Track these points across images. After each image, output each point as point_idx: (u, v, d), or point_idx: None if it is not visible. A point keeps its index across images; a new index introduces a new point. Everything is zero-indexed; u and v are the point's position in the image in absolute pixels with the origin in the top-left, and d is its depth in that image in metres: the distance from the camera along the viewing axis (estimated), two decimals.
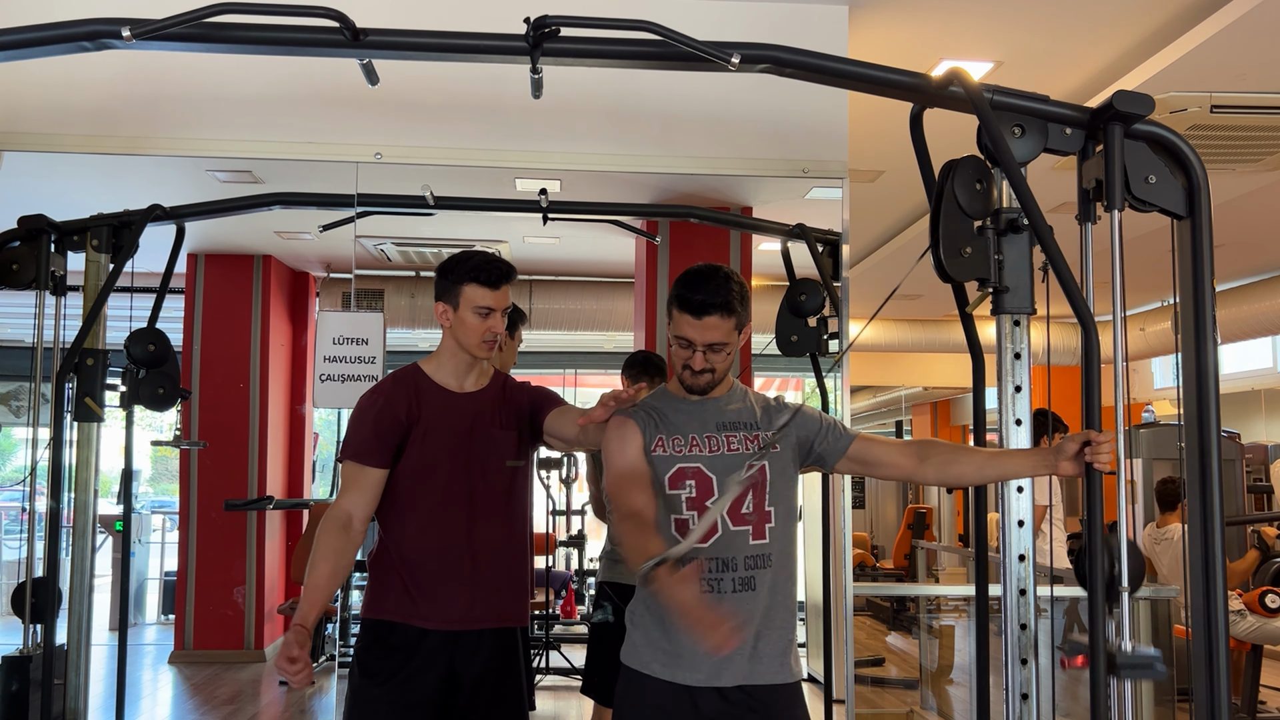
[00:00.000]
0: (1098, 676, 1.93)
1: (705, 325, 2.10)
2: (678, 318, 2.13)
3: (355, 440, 2.40)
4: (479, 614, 2.41)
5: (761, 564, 2.12)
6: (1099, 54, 3.99)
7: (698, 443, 2.14)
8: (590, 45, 2.25)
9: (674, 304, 2.14)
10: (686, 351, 2.13)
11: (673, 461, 2.13)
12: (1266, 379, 8.64)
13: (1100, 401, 1.97)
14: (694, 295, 2.10)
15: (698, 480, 2.12)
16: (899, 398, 13.41)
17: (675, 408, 2.18)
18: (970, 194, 2.10)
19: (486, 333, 2.40)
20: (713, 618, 1.81)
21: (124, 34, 2.14)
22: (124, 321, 3.69)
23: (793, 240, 4.02)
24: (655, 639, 2.11)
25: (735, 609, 2.07)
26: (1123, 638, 1.96)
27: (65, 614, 3.41)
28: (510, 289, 2.46)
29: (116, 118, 3.58)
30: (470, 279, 2.40)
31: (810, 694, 4.89)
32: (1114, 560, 1.97)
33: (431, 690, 2.39)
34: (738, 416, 2.19)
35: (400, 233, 5.16)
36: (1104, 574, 1.95)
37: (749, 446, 2.15)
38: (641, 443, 2.14)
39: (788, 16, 3.61)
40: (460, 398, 2.46)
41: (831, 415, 2.31)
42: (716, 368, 2.14)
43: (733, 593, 2.09)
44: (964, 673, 5.38)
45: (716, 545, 2.09)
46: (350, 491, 2.38)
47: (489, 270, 2.40)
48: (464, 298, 2.40)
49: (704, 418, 2.17)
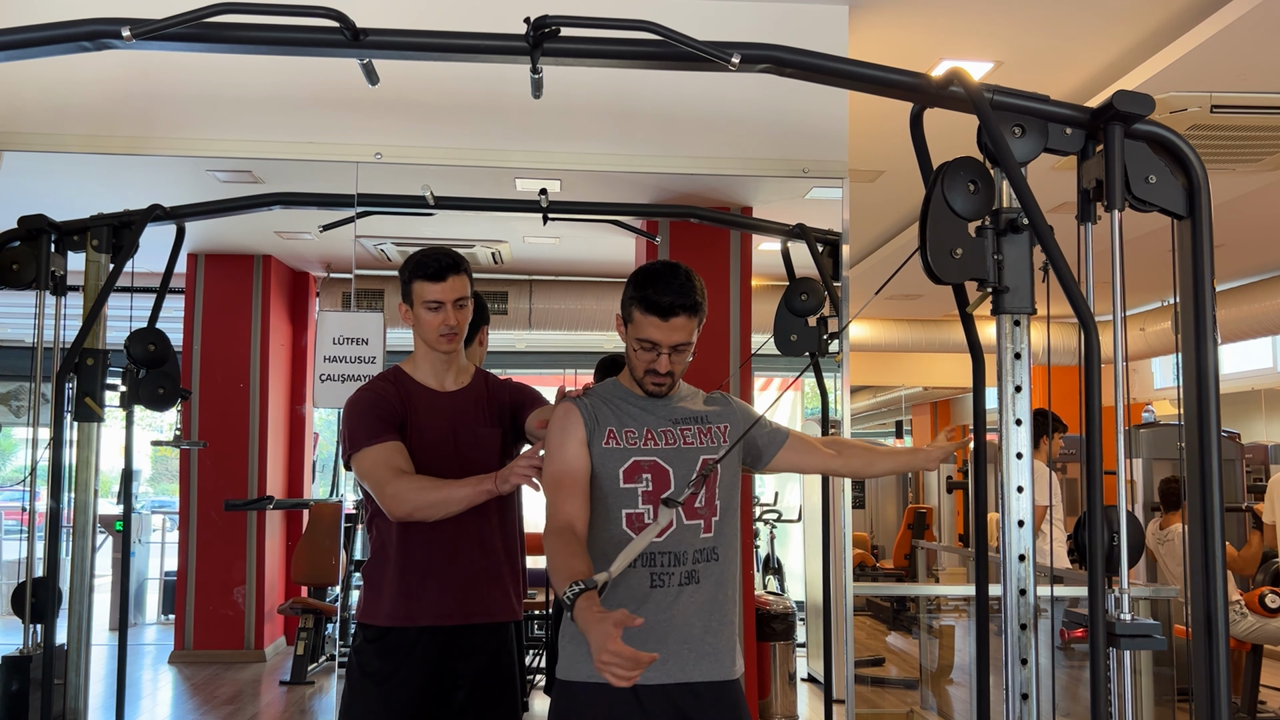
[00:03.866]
0: (1097, 647, 1.93)
1: (673, 327, 2.06)
2: (641, 320, 2.07)
3: (363, 427, 2.36)
4: (473, 610, 2.43)
5: (708, 557, 2.11)
6: (1099, 54, 3.99)
7: (653, 436, 2.11)
8: (590, 45, 2.25)
9: (636, 305, 2.08)
10: (650, 354, 2.08)
11: (627, 455, 2.09)
12: (1266, 379, 8.64)
13: (1100, 401, 1.97)
14: (661, 297, 2.04)
15: (654, 474, 2.09)
16: (899, 398, 13.42)
17: (629, 401, 2.16)
18: (964, 196, 2.10)
19: (440, 325, 2.41)
20: (626, 654, 1.68)
21: (124, 34, 2.14)
22: (124, 321, 3.69)
23: (793, 240, 4.02)
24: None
25: (680, 604, 2.06)
26: (1122, 609, 1.96)
27: (65, 614, 3.41)
28: (463, 281, 2.43)
29: (116, 118, 3.58)
30: (417, 275, 2.42)
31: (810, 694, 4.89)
32: (1114, 533, 1.97)
33: (429, 688, 2.40)
34: (689, 411, 2.18)
35: (400, 233, 5.16)
36: (1104, 547, 1.96)
37: (703, 440, 2.14)
38: (583, 436, 2.09)
39: (788, 16, 3.61)
40: (443, 397, 2.48)
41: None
42: (676, 370, 2.12)
43: (679, 585, 2.07)
44: (964, 673, 5.38)
45: (669, 539, 2.08)
46: (384, 469, 2.29)
47: (431, 264, 2.41)
48: (415, 295, 2.42)
49: (658, 412, 2.15)
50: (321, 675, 6.19)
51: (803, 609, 6.76)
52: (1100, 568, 1.95)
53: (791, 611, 5.62)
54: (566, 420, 2.11)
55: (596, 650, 1.68)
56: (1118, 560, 1.97)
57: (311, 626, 6.13)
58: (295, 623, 6.33)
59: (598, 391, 2.19)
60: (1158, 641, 1.94)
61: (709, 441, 2.15)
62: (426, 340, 2.46)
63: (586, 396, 2.16)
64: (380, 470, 2.30)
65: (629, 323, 2.12)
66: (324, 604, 6.31)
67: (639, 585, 2.07)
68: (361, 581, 2.50)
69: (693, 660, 2.07)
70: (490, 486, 2.19)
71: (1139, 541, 2.01)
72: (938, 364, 10.41)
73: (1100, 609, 1.94)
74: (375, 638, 2.42)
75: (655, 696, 2.04)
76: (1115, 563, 1.97)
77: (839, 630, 3.96)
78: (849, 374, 3.72)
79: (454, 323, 2.42)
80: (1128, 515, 1.98)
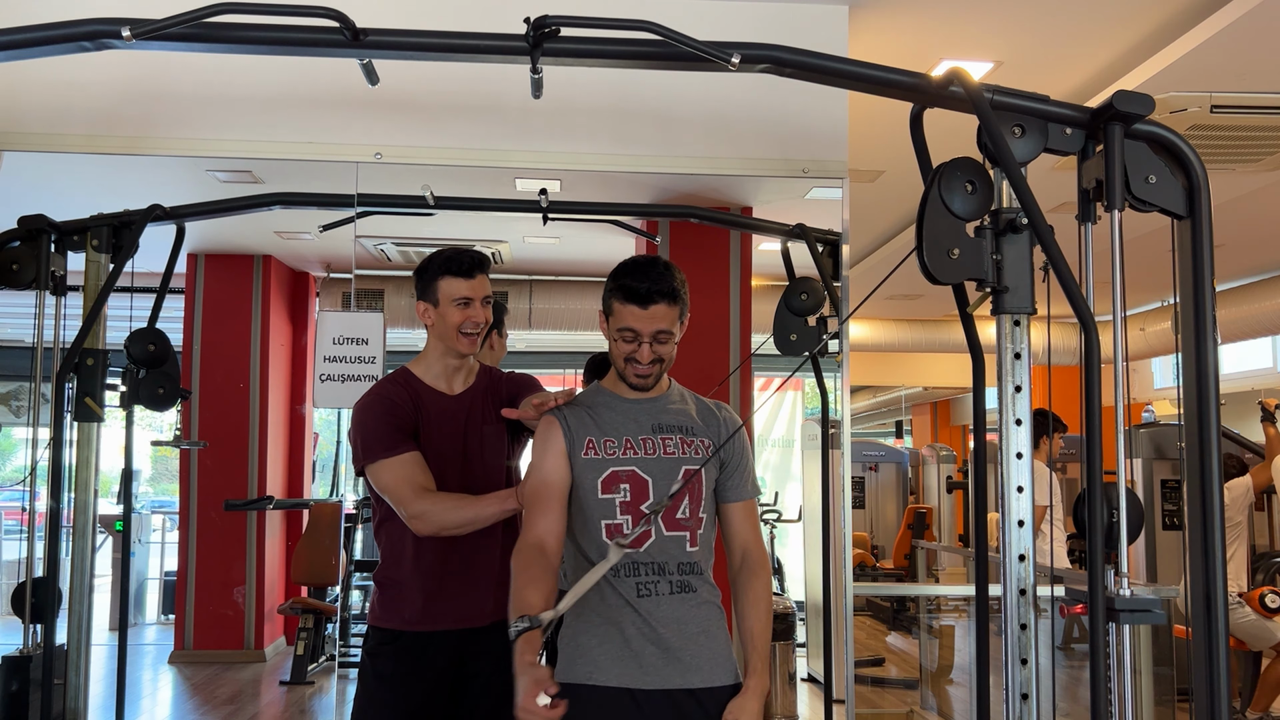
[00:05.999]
0: (1096, 622, 1.93)
1: (652, 315, 2.05)
2: (620, 310, 2.07)
3: (379, 437, 2.35)
4: (490, 612, 2.42)
5: (694, 570, 2.09)
6: (1099, 54, 3.99)
7: (632, 445, 2.09)
8: (590, 45, 2.25)
9: (615, 295, 2.08)
10: (631, 345, 2.07)
11: (605, 465, 2.07)
12: (1266, 379, 8.64)
13: (1100, 401, 1.97)
14: (639, 284, 2.04)
15: (632, 484, 2.07)
16: (899, 398, 13.43)
17: (611, 407, 2.13)
18: (962, 196, 2.10)
19: (466, 322, 2.40)
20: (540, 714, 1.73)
21: (124, 34, 2.14)
22: (124, 321, 3.69)
23: (793, 240, 4.02)
24: (599, 646, 2.04)
25: (677, 611, 2.05)
26: (1121, 584, 1.96)
27: (65, 614, 3.41)
28: (487, 281, 2.44)
29: (116, 118, 3.58)
30: (444, 272, 2.41)
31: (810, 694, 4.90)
32: (1113, 509, 1.97)
33: (442, 689, 2.40)
34: (676, 419, 2.14)
35: (400, 233, 5.16)
36: (1103, 522, 1.95)
37: (685, 451, 2.11)
38: (563, 448, 2.08)
39: (788, 16, 3.61)
40: (452, 399, 2.47)
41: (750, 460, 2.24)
42: (665, 358, 2.10)
43: (670, 594, 2.05)
44: (964, 673, 5.39)
45: (650, 550, 2.06)
46: (406, 487, 2.29)
47: (460, 260, 2.41)
48: (441, 292, 2.41)
49: (640, 419, 2.12)
50: (321, 675, 6.19)
51: (803, 609, 6.76)
52: (1100, 543, 1.94)
53: (791, 611, 5.62)
54: (548, 433, 2.11)
55: (518, 699, 1.76)
56: (1117, 537, 1.97)
57: (311, 626, 6.13)
58: (295, 623, 6.33)
59: (581, 399, 2.17)
60: (1157, 616, 1.93)
61: (691, 453, 2.11)
62: (448, 339, 2.43)
63: (568, 407, 2.15)
64: (403, 488, 2.30)
65: (610, 315, 2.11)
66: (324, 604, 6.31)
67: (627, 594, 2.05)
68: (374, 585, 2.49)
69: (690, 666, 2.05)
70: (514, 504, 2.22)
71: (1138, 518, 2.00)
72: (938, 364, 10.41)
73: (1099, 584, 1.94)
74: (390, 640, 2.42)
75: (653, 701, 2.03)
76: (1115, 540, 1.97)
77: (839, 630, 3.96)
78: (849, 374, 3.72)
79: (480, 320, 2.42)
80: (1128, 492, 1.98)
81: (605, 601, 2.05)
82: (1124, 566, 1.98)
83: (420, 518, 2.28)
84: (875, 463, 10.57)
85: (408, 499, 2.29)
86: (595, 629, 2.05)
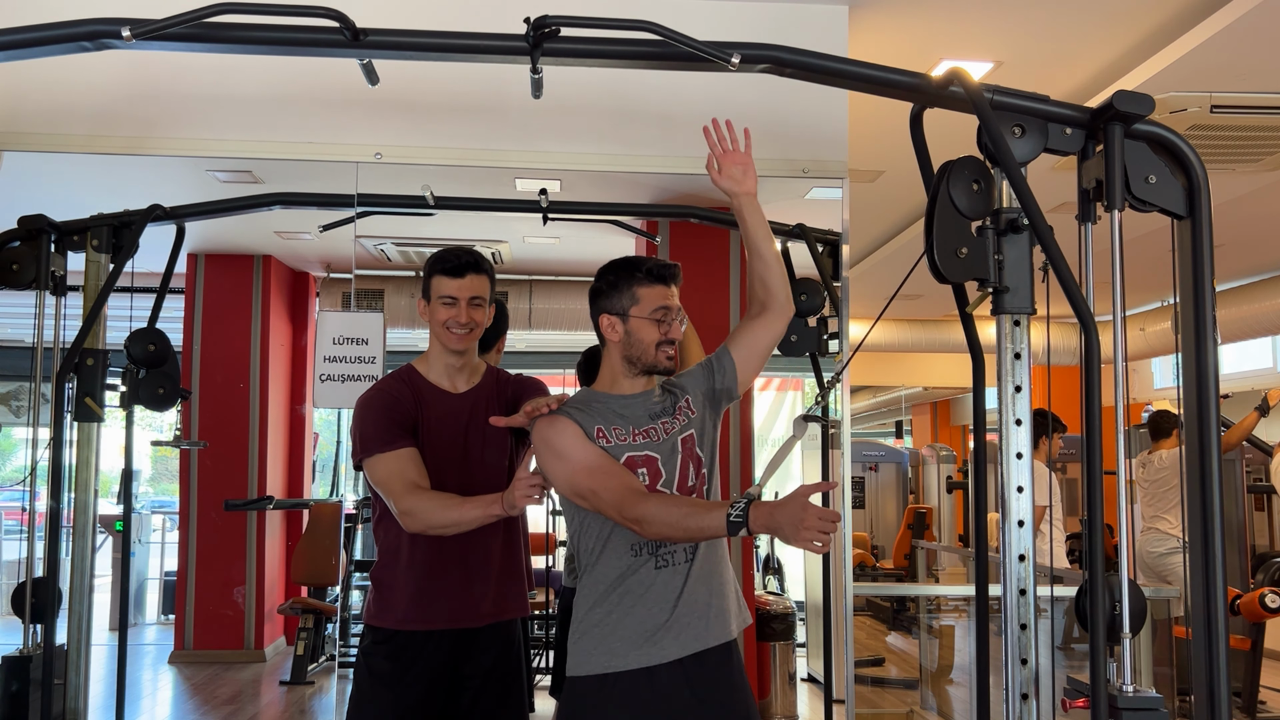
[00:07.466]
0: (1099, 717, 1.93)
1: (675, 293, 2.18)
2: (648, 292, 2.15)
3: (377, 431, 2.36)
4: (484, 610, 2.43)
5: None
6: (1099, 54, 3.99)
7: (639, 433, 2.16)
8: (590, 45, 2.25)
9: (639, 283, 2.16)
10: (663, 325, 2.15)
11: (621, 450, 2.13)
12: (1266, 379, 8.63)
13: (1100, 401, 1.97)
14: (659, 266, 2.17)
15: (649, 467, 2.13)
16: (899, 398, 13.42)
17: (607, 404, 2.18)
18: (968, 195, 2.10)
19: (449, 320, 2.42)
20: (829, 515, 1.76)
21: (124, 34, 2.14)
22: (124, 321, 3.69)
23: (793, 240, 4.02)
24: (628, 629, 2.07)
25: (688, 578, 2.10)
26: (1124, 680, 1.96)
27: (65, 614, 3.41)
28: (482, 281, 2.45)
29: (116, 118, 3.58)
30: (436, 269, 2.45)
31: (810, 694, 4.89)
32: (1115, 602, 1.97)
33: (438, 688, 2.40)
34: (660, 405, 2.22)
35: (400, 233, 5.16)
36: (1105, 615, 1.95)
37: (681, 421, 2.20)
38: (583, 434, 2.12)
39: (788, 16, 3.61)
40: (455, 398, 2.48)
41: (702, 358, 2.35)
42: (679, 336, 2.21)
43: (685, 563, 2.11)
44: (964, 673, 5.39)
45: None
46: (398, 481, 2.31)
47: (451, 259, 2.43)
48: (433, 289, 2.44)
49: (636, 412, 2.18)
50: (321, 675, 6.19)
51: (803, 609, 6.76)
52: (1102, 637, 1.95)
53: (791, 611, 5.62)
54: (563, 429, 2.12)
55: (796, 525, 1.75)
56: (1120, 629, 1.97)
57: (311, 626, 6.13)
58: (295, 623, 6.33)
59: (574, 402, 2.21)
60: (1161, 715, 1.92)
61: (682, 420, 2.20)
62: (437, 335, 2.46)
63: (566, 405, 2.18)
64: (395, 482, 2.31)
65: (635, 304, 2.16)
66: (324, 604, 6.31)
67: (645, 572, 2.09)
68: (370, 583, 2.50)
69: (703, 627, 2.11)
70: (499, 510, 2.22)
71: (1141, 610, 2.00)
72: (938, 364, 10.41)
73: (1102, 679, 1.94)
74: (385, 639, 2.42)
75: (669, 674, 2.07)
76: (1117, 632, 1.97)
77: (839, 630, 3.96)
78: (849, 374, 3.72)
79: (465, 320, 2.42)
80: (1129, 584, 1.98)
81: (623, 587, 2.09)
82: (1127, 663, 1.97)
83: (409, 514, 2.28)
84: (875, 463, 10.56)
85: (398, 494, 2.29)
86: (630, 614, 2.08)
